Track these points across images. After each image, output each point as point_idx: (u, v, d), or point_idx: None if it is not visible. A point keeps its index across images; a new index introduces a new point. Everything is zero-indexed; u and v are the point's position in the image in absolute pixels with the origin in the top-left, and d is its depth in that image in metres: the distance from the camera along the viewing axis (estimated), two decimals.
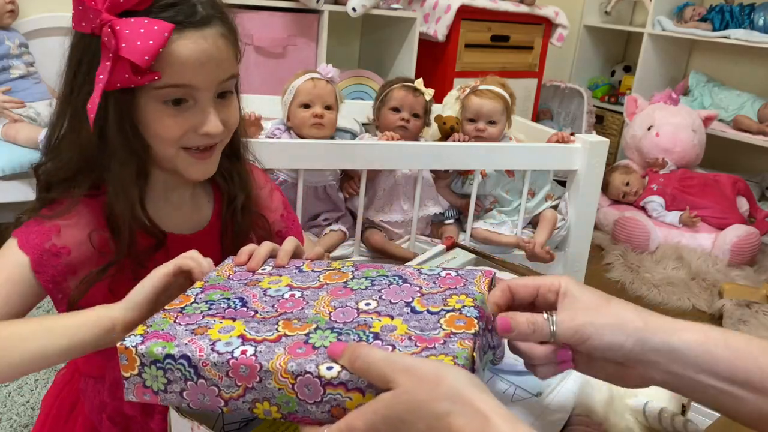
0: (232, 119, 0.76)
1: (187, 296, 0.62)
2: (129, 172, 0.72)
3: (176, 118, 0.71)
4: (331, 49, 2.54)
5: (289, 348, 0.51)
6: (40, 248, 0.71)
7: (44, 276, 0.71)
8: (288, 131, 1.75)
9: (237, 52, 0.76)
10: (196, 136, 0.73)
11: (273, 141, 1.65)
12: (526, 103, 3.09)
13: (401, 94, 1.83)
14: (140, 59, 0.64)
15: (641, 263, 2.40)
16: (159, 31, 0.65)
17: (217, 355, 0.51)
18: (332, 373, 0.48)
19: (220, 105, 0.74)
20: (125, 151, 0.71)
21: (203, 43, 0.69)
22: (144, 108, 0.70)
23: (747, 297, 2.12)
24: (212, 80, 0.71)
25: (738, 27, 3.12)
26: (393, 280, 0.62)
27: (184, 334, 0.54)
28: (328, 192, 1.77)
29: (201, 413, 0.56)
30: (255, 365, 0.49)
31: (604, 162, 1.88)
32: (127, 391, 0.55)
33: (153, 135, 0.72)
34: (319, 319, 0.55)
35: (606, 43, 3.86)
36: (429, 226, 1.92)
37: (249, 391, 0.51)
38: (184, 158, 0.74)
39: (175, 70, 0.68)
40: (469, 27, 2.80)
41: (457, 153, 1.74)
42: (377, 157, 1.64)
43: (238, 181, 0.85)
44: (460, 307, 0.55)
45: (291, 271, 0.66)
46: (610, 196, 2.80)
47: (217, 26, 0.72)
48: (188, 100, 0.71)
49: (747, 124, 3.04)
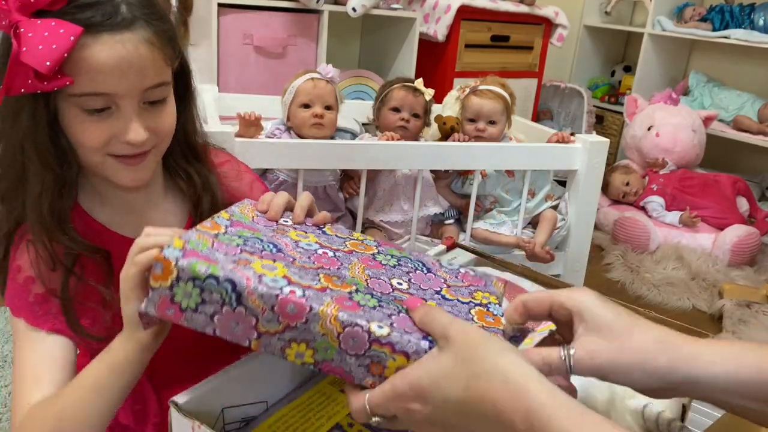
0: (162, 126, 0.71)
1: (216, 224, 0.61)
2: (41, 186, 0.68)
3: (98, 125, 0.66)
4: (331, 49, 2.54)
5: (337, 299, 0.51)
6: (27, 305, 0.70)
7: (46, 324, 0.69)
8: (288, 131, 1.75)
9: (169, 58, 0.70)
10: (120, 144, 0.68)
11: (273, 141, 1.65)
12: (526, 103, 3.09)
13: (401, 94, 1.83)
14: (41, 65, 0.59)
15: (641, 263, 2.39)
16: (65, 34, 0.60)
17: (265, 288, 0.50)
18: (382, 332, 0.49)
19: (147, 112, 0.69)
20: (36, 163, 0.67)
21: (121, 49, 0.64)
22: (65, 115, 0.66)
23: (747, 297, 2.11)
24: (133, 88, 0.66)
25: (738, 27, 3.12)
26: (417, 265, 0.62)
27: (227, 261, 0.53)
28: (328, 192, 1.77)
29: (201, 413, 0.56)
30: (305, 306, 0.50)
31: (604, 162, 1.88)
32: (149, 302, 0.54)
33: (77, 143, 0.68)
34: (358, 282, 0.56)
35: (606, 43, 3.85)
36: (429, 226, 1.92)
37: (289, 329, 0.51)
38: (112, 164, 0.70)
39: (90, 77, 0.63)
40: (469, 27, 2.80)
41: (457, 153, 1.74)
42: (377, 157, 1.64)
43: (199, 182, 0.81)
44: (486, 302, 0.57)
45: (315, 230, 0.66)
46: (610, 196, 2.80)
47: (142, 30, 0.65)
48: (110, 107, 0.66)
49: (747, 124, 3.04)
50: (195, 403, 0.57)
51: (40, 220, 0.69)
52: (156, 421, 0.81)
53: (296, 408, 0.65)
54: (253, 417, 0.64)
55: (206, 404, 0.58)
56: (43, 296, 0.70)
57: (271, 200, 0.68)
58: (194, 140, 0.82)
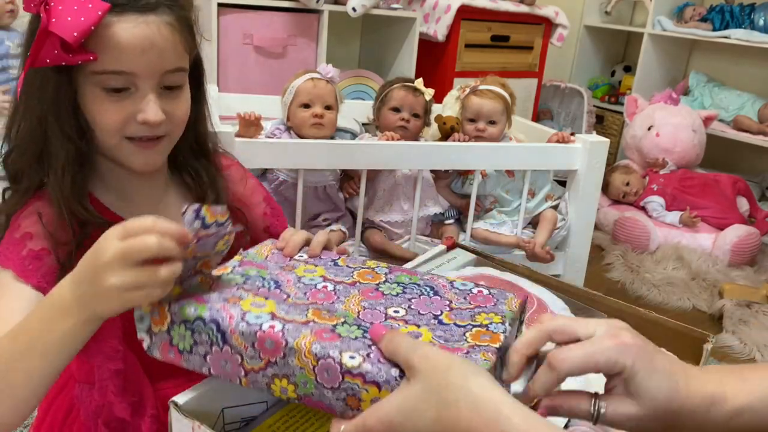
0: (178, 112, 0.73)
1: (225, 266, 0.63)
2: (64, 158, 0.70)
3: (116, 105, 0.69)
4: (331, 49, 2.54)
5: (316, 332, 0.51)
6: (19, 258, 0.69)
7: (34, 278, 0.69)
8: (288, 131, 1.75)
9: (188, 45, 0.73)
10: (137, 125, 0.70)
11: (273, 141, 1.65)
12: (526, 103, 3.09)
13: (401, 94, 1.83)
14: (68, 35, 0.62)
15: (641, 263, 2.39)
16: (93, 9, 0.63)
17: (246, 325, 0.52)
18: (353, 362, 0.48)
19: (165, 96, 0.71)
20: (59, 136, 0.69)
21: (145, 29, 0.67)
22: (86, 94, 0.69)
23: (747, 297, 2.11)
24: (154, 69, 0.69)
25: (738, 27, 3.12)
26: (424, 290, 0.61)
27: (217, 300, 0.55)
28: (328, 192, 1.77)
29: (201, 413, 0.56)
30: (281, 341, 0.51)
31: (604, 162, 1.88)
32: (153, 346, 0.56)
33: (95, 122, 0.70)
34: (348, 315, 0.55)
35: (606, 43, 3.86)
36: (429, 226, 1.92)
37: (270, 365, 0.51)
38: (127, 147, 0.72)
39: (113, 56, 0.66)
40: (469, 27, 2.80)
41: (457, 153, 1.74)
42: (377, 157, 1.64)
43: (207, 180, 0.83)
44: (487, 323, 0.55)
45: (326, 262, 0.67)
46: (610, 196, 2.80)
47: (164, 14, 0.69)
48: (129, 88, 0.69)
49: (747, 124, 3.04)
50: (195, 403, 0.57)
51: (62, 190, 0.70)
52: (153, 413, 0.81)
53: (296, 408, 0.65)
54: (253, 417, 0.64)
55: (206, 404, 0.58)
56: (37, 253, 0.70)
57: (289, 238, 0.70)
58: (204, 139, 0.83)
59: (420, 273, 0.65)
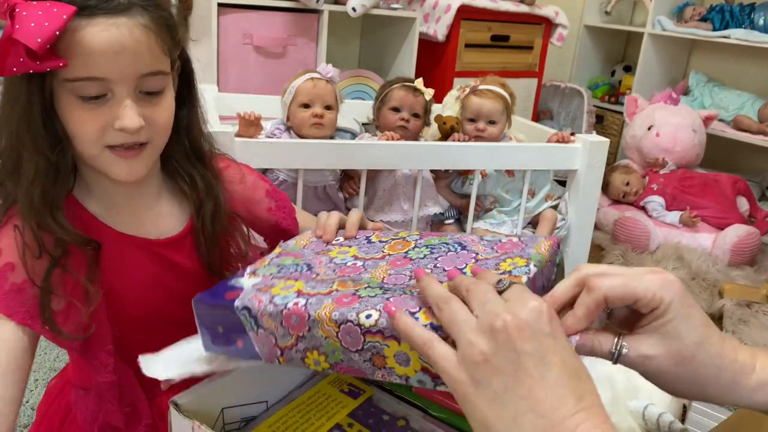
0: (159, 119, 0.70)
1: (263, 259, 0.67)
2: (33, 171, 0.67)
3: (92, 113, 0.66)
4: (331, 49, 2.54)
5: (336, 299, 0.52)
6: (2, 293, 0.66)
7: (18, 315, 0.66)
8: (288, 131, 1.75)
9: (167, 46, 0.69)
10: (115, 132, 0.67)
11: (273, 141, 1.65)
12: (526, 103, 3.09)
13: (401, 94, 1.83)
14: (32, 41, 0.59)
15: (641, 263, 2.39)
16: (58, 13, 0.60)
17: (272, 306, 0.54)
18: (370, 321, 0.49)
19: (144, 102, 0.68)
20: (29, 147, 0.67)
21: (115, 32, 0.63)
22: (61, 102, 0.66)
23: (747, 297, 2.11)
24: (127, 73, 0.65)
25: (738, 27, 3.11)
26: (452, 247, 0.61)
27: (251, 291, 0.58)
28: (328, 192, 1.77)
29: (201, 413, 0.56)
30: (304, 314, 0.52)
31: (604, 162, 1.88)
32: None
33: (73, 132, 0.67)
34: (372, 281, 0.56)
35: (606, 43, 3.85)
36: (429, 226, 1.92)
37: (300, 340, 0.53)
38: (108, 157, 0.69)
39: (84, 61, 0.63)
40: (469, 27, 2.80)
41: (457, 153, 1.74)
42: (377, 157, 1.64)
43: (203, 186, 0.80)
44: (511, 269, 0.54)
45: (360, 241, 0.68)
46: (610, 196, 2.80)
47: (137, 15, 0.65)
48: (105, 94, 0.66)
49: (747, 124, 3.04)
50: (195, 403, 0.57)
51: (30, 205, 0.67)
52: (148, 422, 0.80)
53: (296, 408, 0.65)
54: (253, 417, 0.64)
55: (206, 404, 0.58)
56: (20, 286, 0.67)
57: (324, 223, 0.71)
58: (199, 143, 0.81)
59: (451, 234, 0.66)
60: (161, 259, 0.78)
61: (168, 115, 0.72)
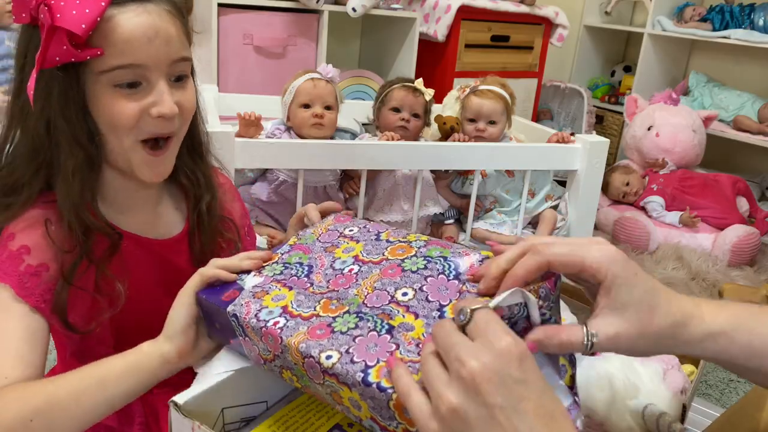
0: (187, 104, 0.73)
1: (275, 254, 0.67)
2: (73, 164, 0.68)
3: (129, 100, 0.67)
4: (331, 49, 2.54)
5: (311, 329, 0.53)
6: (17, 273, 0.67)
7: (32, 298, 0.67)
8: (288, 131, 1.75)
9: (187, 34, 0.72)
10: (151, 121, 0.69)
11: (273, 141, 1.65)
12: (526, 103, 3.09)
13: (401, 94, 1.83)
14: (77, 27, 0.61)
15: (641, 263, 2.39)
16: (96, 0, 0.62)
17: (255, 321, 0.56)
18: (329, 362, 0.50)
19: (174, 88, 0.70)
20: (70, 140, 0.68)
21: (147, 17, 0.66)
22: (96, 95, 0.67)
23: (747, 297, 2.11)
24: (162, 58, 0.68)
25: (738, 27, 3.12)
26: (448, 269, 0.57)
27: (246, 296, 0.60)
28: (328, 192, 1.77)
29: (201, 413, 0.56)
30: (278, 338, 0.54)
31: (604, 162, 1.88)
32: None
33: (107, 123, 0.68)
34: (355, 301, 0.56)
35: (606, 43, 3.86)
36: (429, 226, 1.92)
37: (277, 357, 0.55)
38: (139, 154, 0.71)
39: (120, 49, 0.65)
40: (469, 27, 2.80)
41: (457, 153, 1.74)
42: (377, 157, 1.64)
43: (203, 181, 0.82)
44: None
45: (370, 237, 0.67)
46: (610, 196, 2.80)
47: (162, 2, 0.68)
48: (141, 83, 0.68)
49: (747, 124, 3.04)
50: (195, 403, 0.57)
51: (71, 196, 0.69)
52: (141, 420, 0.80)
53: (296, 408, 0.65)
54: (253, 417, 0.64)
55: (206, 404, 0.58)
56: (36, 270, 0.68)
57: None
58: (200, 137, 0.83)
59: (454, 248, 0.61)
60: (162, 260, 0.80)
61: (194, 101, 0.75)
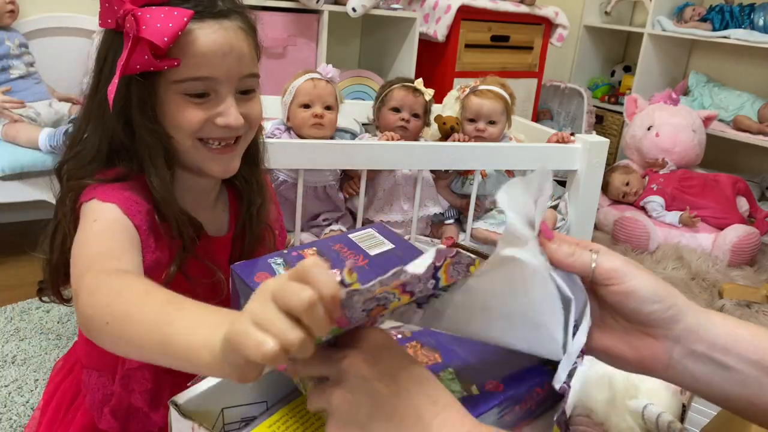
0: (253, 114, 0.77)
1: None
2: (159, 157, 0.73)
3: (197, 107, 0.72)
4: (331, 49, 2.54)
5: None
6: (122, 197, 0.71)
7: (137, 218, 0.71)
8: (288, 131, 1.75)
9: (257, 51, 0.78)
10: (215, 128, 0.73)
11: (273, 141, 1.65)
12: (526, 103, 3.09)
13: (401, 94, 1.83)
14: (159, 39, 0.66)
15: (641, 263, 2.38)
16: (179, 16, 0.67)
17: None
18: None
19: (241, 100, 0.75)
20: (152, 136, 0.72)
21: (223, 34, 0.71)
22: (165, 100, 0.71)
23: (747, 297, 2.12)
24: (233, 72, 0.73)
25: (738, 27, 3.12)
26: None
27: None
28: (328, 192, 1.77)
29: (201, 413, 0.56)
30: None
31: (604, 162, 1.88)
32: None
33: (173, 126, 0.73)
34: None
35: (606, 43, 3.86)
36: (429, 227, 1.92)
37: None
38: (201, 150, 0.75)
39: (195, 62, 0.69)
40: (469, 27, 2.80)
41: (457, 153, 1.74)
42: (377, 157, 1.64)
43: (256, 187, 0.87)
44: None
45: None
46: (610, 196, 2.80)
47: (237, 20, 0.73)
48: (210, 94, 0.72)
49: (747, 124, 3.04)
50: (195, 403, 0.57)
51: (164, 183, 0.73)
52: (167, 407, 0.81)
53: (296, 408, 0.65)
54: (253, 417, 0.64)
55: (206, 404, 0.58)
56: (136, 199, 0.72)
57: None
58: (258, 147, 0.87)
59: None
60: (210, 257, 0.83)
61: (260, 112, 0.79)
